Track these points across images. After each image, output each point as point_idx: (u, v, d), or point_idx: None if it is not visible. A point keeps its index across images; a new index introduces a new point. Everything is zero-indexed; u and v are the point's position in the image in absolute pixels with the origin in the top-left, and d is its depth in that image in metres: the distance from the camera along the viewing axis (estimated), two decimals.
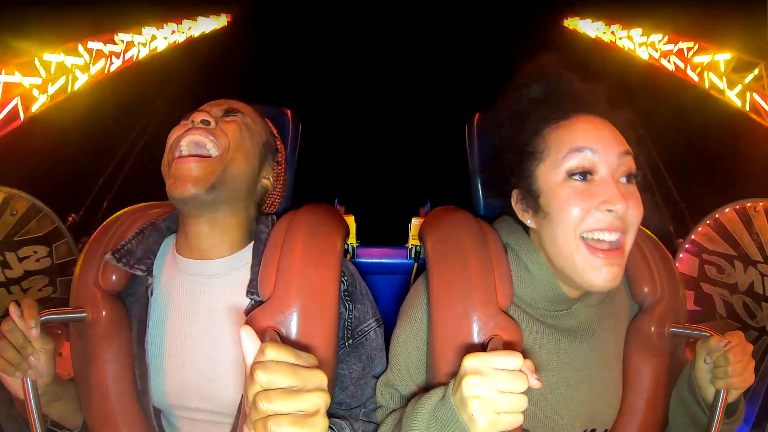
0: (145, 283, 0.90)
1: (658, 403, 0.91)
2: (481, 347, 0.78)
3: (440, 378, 0.81)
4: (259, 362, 0.57)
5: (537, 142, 0.83)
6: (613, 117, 0.84)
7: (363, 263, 1.55)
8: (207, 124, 0.87)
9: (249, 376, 0.57)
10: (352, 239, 1.50)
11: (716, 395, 0.83)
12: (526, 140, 0.84)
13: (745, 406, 0.94)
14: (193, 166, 0.83)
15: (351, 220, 1.43)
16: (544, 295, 0.87)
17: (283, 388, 0.56)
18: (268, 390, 0.55)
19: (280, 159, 1.02)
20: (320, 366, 0.61)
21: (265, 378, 0.56)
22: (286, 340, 0.78)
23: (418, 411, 0.71)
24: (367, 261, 1.55)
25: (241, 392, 0.81)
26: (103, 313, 0.88)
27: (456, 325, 0.80)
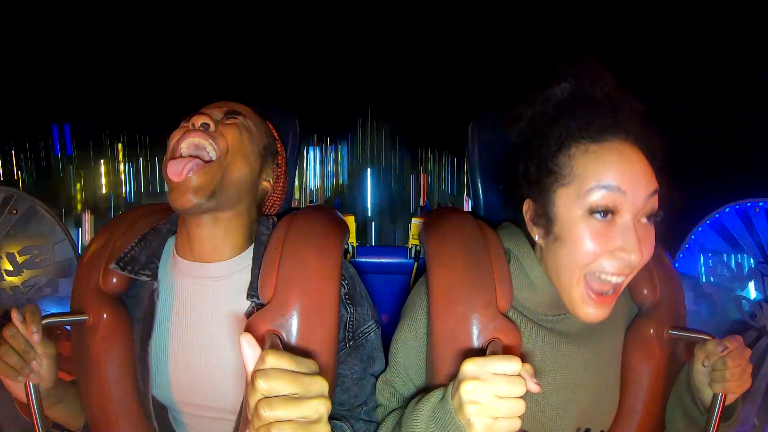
0: (150, 287, 0.90)
1: (657, 406, 0.92)
2: (480, 350, 0.78)
3: (440, 380, 0.81)
4: (260, 370, 0.57)
5: (562, 161, 0.78)
6: (647, 139, 0.78)
7: (363, 263, 1.55)
8: (207, 127, 0.87)
9: (250, 384, 0.58)
10: (352, 239, 1.50)
11: (714, 399, 0.84)
12: (550, 155, 0.79)
13: (745, 407, 0.94)
14: (192, 177, 0.83)
15: (351, 220, 1.43)
16: (542, 300, 0.87)
17: (285, 396, 0.56)
18: (270, 397, 0.56)
19: (280, 161, 1.03)
20: (321, 369, 0.62)
21: (265, 386, 0.56)
22: (287, 344, 0.79)
23: (419, 412, 0.71)
24: (367, 261, 1.56)
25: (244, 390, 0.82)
26: (104, 316, 0.88)
27: (456, 327, 0.80)
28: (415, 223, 1.53)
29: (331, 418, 0.70)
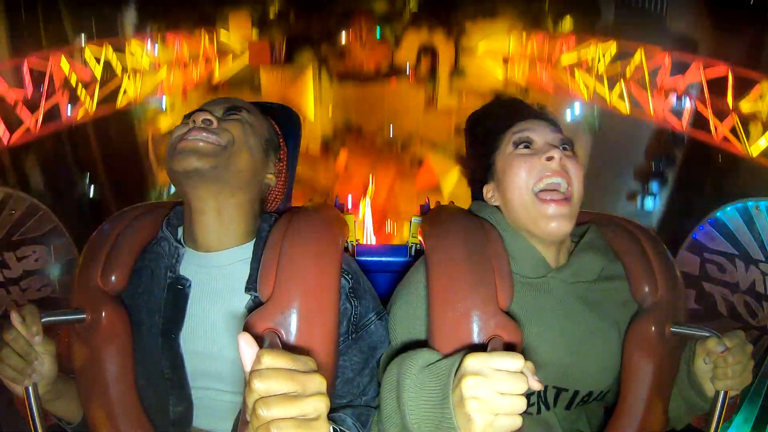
0: (166, 279, 0.90)
1: (658, 403, 0.91)
2: (481, 347, 0.78)
3: None
4: (256, 370, 0.57)
5: (497, 140, 1.00)
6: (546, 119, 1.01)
7: (362, 261, 1.54)
8: (209, 123, 0.88)
9: (247, 385, 0.57)
10: (352, 237, 1.50)
11: (716, 396, 0.84)
12: (489, 141, 1.01)
13: (745, 406, 0.94)
14: (201, 144, 0.85)
15: (350, 219, 1.43)
16: (525, 260, 0.92)
17: (282, 394, 0.56)
18: (267, 397, 0.55)
19: (282, 156, 1.03)
20: (320, 366, 0.61)
21: (262, 386, 0.55)
22: (286, 342, 0.78)
23: (419, 397, 0.72)
24: (367, 259, 1.55)
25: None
26: (103, 315, 0.88)
27: (456, 324, 0.80)
28: (415, 221, 1.53)
29: (332, 409, 0.69)
